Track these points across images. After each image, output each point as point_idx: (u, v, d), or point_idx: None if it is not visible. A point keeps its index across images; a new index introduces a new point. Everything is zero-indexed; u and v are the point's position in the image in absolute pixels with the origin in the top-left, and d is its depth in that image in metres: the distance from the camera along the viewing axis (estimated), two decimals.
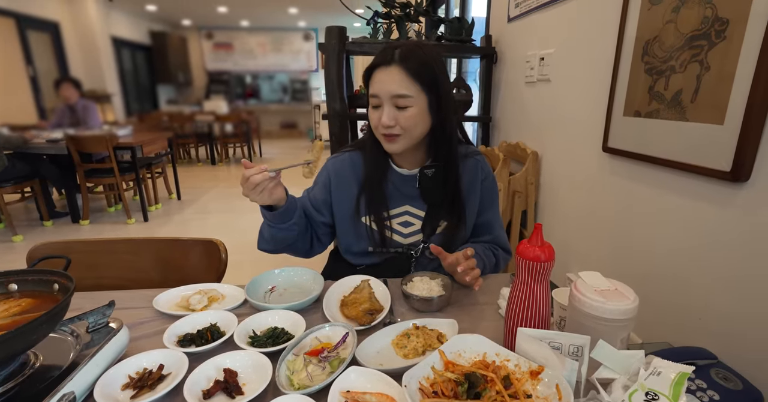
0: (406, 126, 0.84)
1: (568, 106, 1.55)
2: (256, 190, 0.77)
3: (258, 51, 9.00)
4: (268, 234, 0.91)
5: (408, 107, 0.83)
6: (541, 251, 0.60)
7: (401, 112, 0.83)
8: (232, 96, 8.96)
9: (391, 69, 0.82)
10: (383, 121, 0.83)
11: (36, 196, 3.43)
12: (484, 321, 0.76)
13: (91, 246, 0.93)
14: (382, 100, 0.83)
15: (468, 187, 0.96)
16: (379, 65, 0.84)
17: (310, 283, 0.86)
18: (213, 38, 8.84)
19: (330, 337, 0.68)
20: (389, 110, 0.83)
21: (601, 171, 1.34)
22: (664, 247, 1.08)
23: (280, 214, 0.86)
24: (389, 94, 0.82)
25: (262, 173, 0.76)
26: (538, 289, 0.61)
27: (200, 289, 0.83)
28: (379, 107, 0.85)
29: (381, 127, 0.85)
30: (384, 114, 0.83)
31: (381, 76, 0.83)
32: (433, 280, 0.83)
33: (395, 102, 0.83)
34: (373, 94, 0.84)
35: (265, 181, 0.76)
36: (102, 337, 0.61)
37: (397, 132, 0.85)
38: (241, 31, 8.76)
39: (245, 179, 0.76)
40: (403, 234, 0.96)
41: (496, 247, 1.01)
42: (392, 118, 0.83)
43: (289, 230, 0.89)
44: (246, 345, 0.65)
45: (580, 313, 0.59)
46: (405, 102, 0.83)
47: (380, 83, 0.83)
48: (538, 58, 1.75)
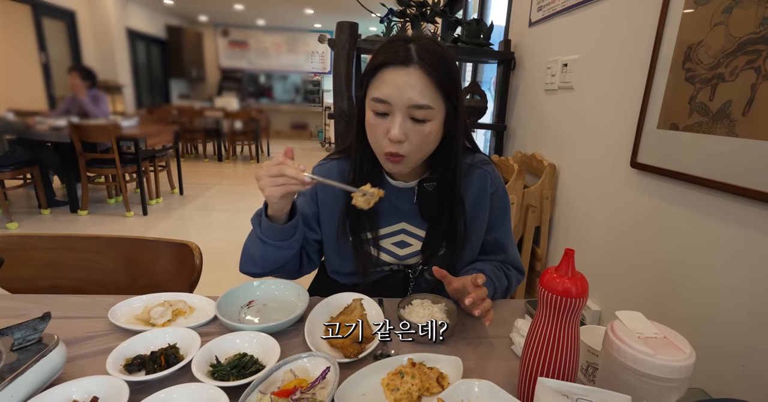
0: (418, 144, 0.70)
1: (592, 116, 1.43)
2: (277, 180, 0.64)
3: (273, 50, 8.99)
4: (259, 253, 0.74)
5: (426, 121, 0.68)
6: (573, 284, 0.48)
7: (416, 126, 0.68)
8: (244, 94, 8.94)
9: (409, 71, 0.66)
10: (392, 135, 0.67)
11: (35, 184, 3.38)
12: (494, 359, 0.64)
13: (50, 242, 0.83)
14: (393, 108, 0.68)
15: (475, 202, 0.83)
16: (390, 64, 0.67)
17: (293, 299, 0.75)
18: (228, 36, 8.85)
19: (308, 371, 0.56)
20: (402, 122, 0.67)
21: (628, 188, 1.22)
22: (703, 281, 0.94)
23: (286, 228, 0.72)
24: (406, 103, 0.67)
25: (297, 169, 0.64)
26: (565, 330, 0.49)
27: (165, 299, 0.72)
28: (386, 116, 0.69)
29: (387, 141, 0.69)
30: (396, 126, 0.67)
31: (395, 78, 0.67)
32: (435, 305, 0.72)
33: (411, 113, 0.68)
34: (381, 99, 0.68)
35: (293, 179, 0.63)
36: (30, 357, 0.50)
37: (404, 152, 0.69)
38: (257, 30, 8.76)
39: (276, 162, 0.64)
40: (398, 256, 0.84)
41: (508, 266, 0.89)
42: (404, 133, 0.68)
43: (289, 248, 0.75)
44: (205, 376, 0.53)
45: (619, 366, 0.47)
46: (424, 114, 0.68)
47: (394, 88, 0.67)
48: (561, 64, 1.64)
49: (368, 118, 0.71)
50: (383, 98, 0.68)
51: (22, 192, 3.93)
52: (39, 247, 0.82)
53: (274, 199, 0.66)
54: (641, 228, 1.15)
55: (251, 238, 0.76)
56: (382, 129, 0.69)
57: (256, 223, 0.74)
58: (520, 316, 0.77)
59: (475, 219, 0.83)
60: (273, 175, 0.63)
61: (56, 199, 3.59)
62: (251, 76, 9.12)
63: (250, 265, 0.78)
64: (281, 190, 0.64)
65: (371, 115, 0.70)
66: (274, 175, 0.63)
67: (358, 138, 0.77)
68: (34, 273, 0.82)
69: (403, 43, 0.69)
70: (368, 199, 0.69)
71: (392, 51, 0.68)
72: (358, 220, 0.79)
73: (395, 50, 0.68)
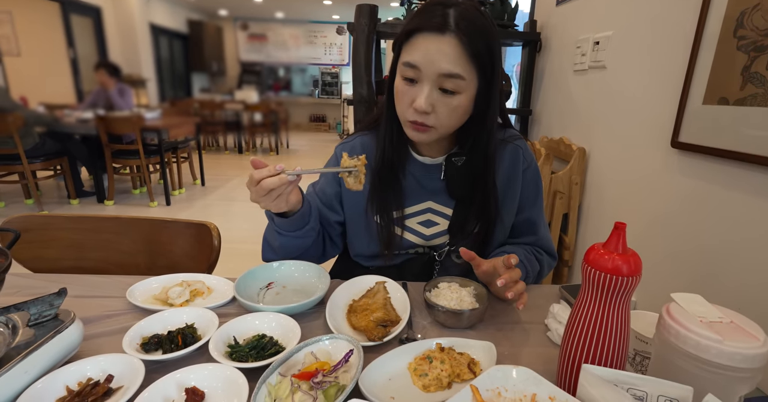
0: (445, 116, 0.66)
1: (626, 95, 1.34)
2: (270, 196, 0.61)
3: (291, 43, 9.00)
4: (277, 243, 0.74)
5: (456, 93, 0.64)
6: (624, 261, 0.43)
7: (444, 97, 0.65)
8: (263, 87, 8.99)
9: (444, 38, 0.62)
10: (418, 104, 0.64)
11: (64, 174, 3.48)
12: (528, 346, 0.60)
13: (74, 223, 0.82)
14: (422, 75, 0.64)
15: (506, 179, 0.78)
16: (425, 29, 0.63)
17: (314, 281, 0.72)
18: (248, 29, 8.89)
19: (330, 354, 0.53)
20: (430, 92, 0.64)
21: (667, 170, 1.13)
22: (760, 274, 0.86)
23: (293, 220, 0.70)
24: (437, 71, 0.62)
25: (279, 177, 0.60)
26: (614, 313, 0.44)
27: (183, 279, 0.70)
28: (414, 83, 0.65)
29: (412, 110, 0.66)
30: (422, 95, 0.64)
31: (428, 44, 0.63)
32: (464, 289, 0.67)
33: (441, 82, 0.64)
34: (412, 63, 0.64)
35: (282, 186, 0.61)
36: (46, 333, 0.49)
37: (430, 123, 0.66)
38: (276, 22, 8.77)
39: (254, 182, 0.60)
40: (424, 236, 0.79)
41: (539, 250, 0.84)
42: (431, 104, 0.64)
43: (305, 237, 0.74)
44: (222, 356, 0.51)
45: (678, 353, 0.42)
46: (455, 85, 0.63)
47: (425, 54, 0.63)
48: (592, 42, 1.55)
49: (397, 83, 0.68)
50: (413, 63, 0.64)
51: (53, 183, 4.07)
52: (62, 228, 0.82)
53: (281, 208, 0.66)
54: (684, 213, 1.07)
55: (269, 228, 0.75)
56: (409, 97, 0.66)
57: (270, 216, 0.72)
58: (554, 301, 0.72)
59: (506, 197, 0.78)
60: (260, 194, 0.61)
61: (84, 190, 3.70)
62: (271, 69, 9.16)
63: (271, 254, 0.78)
64: (278, 200, 0.63)
65: (400, 81, 0.67)
66: (261, 193, 0.61)
67: (389, 108, 0.73)
68: (57, 253, 0.82)
69: (442, 7, 0.63)
70: (357, 176, 0.66)
71: (429, 15, 0.63)
72: (383, 199, 0.76)
73: (432, 14, 0.63)
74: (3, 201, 3.44)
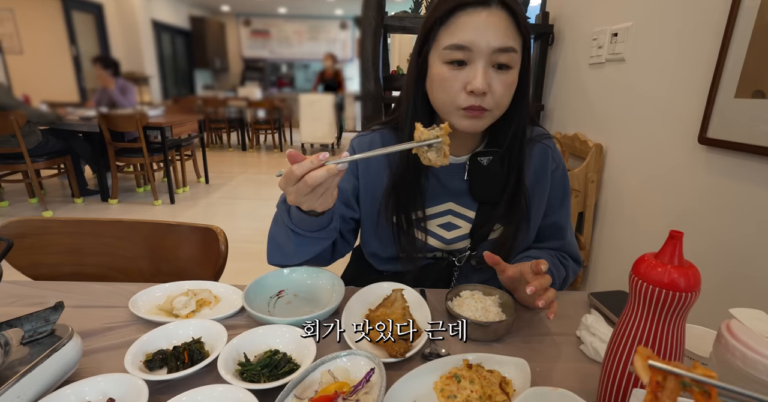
0: (501, 95, 0.61)
1: (648, 89, 1.29)
2: (315, 193, 0.52)
3: (294, 39, 8.93)
4: (292, 247, 0.65)
5: (510, 68, 0.60)
6: (681, 275, 0.38)
7: (499, 74, 0.60)
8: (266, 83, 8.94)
9: (491, 11, 0.58)
10: (476, 85, 0.58)
11: (68, 173, 3.46)
12: (561, 361, 0.55)
13: (73, 226, 0.79)
14: (473, 54, 0.59)
15: (534, 180, 0.74)
16: (468, 5, 0.59)
17: (327, 289, 0.68)
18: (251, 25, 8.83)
19: (348, 372, 0.49)
20: (485, 70, 0.59)
21: (693, 167, 1.08)
22: None
23: (320, 219, 0.62)
24: (491, 46, 0.58)
25: (326, 168, 0.50)
26: (667, 332, 0.40)
27: (189, 288, 0.66)
28: (463, 65, 0.60)
29: (464, 95, 0.60)
30: (479, 75, 0.58)
31: (475, 20, 0.58)
32: (488, 298, 0.63)
33: (495, 59, 0.59)
34: (460, 45, 0.59)
35: (330, 179, 0.51)
36: (41, 351, 0.45)
37: (487, 105, 0.60)
38: (278, 18, 8.70)
39: (295, 178, 0.50)
40: (445, 239, 0.74)
41: (565, 255, 0.79)
42: (488, 83, 0.59)
43: (327, 238, 0.66)
44: (232, 376, 0.47)
45: (744, 378, 0.37)
46: (509, 58, 0.59)
47: (475, 31, 0.58)
48: (609, 34, 1.49)
49: (439, 72, 0.62)
50: (462, 44, 0.59)
51: (56, 181, 4.05)
52: (61, 232, 0.78)
53: (327, 206, 0.56)
54: (711, 212, 1.02)
55: (279, 227, 0.66)
56: (460, 81, 0.60)
57: (284, 212, 0.63)
58: (583, 310, 0.68)
59: (533, 199, 0.73)
60: (305, 191, 0.51)
61: (88, 189, 3.67)
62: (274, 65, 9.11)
63: (280, 257, 0.69)
64: (324, 196, 0.54)
65: (443, 68, 0.61)
66: (305, 190, 0.51)
67: (414, 101, 0.68)
68: (57, 259, 0.79)
69: None
70: (440, 149, 0.53)
71: None
72: (402, 198, 0.70)
73: None
74: (7, 200, 3.42)
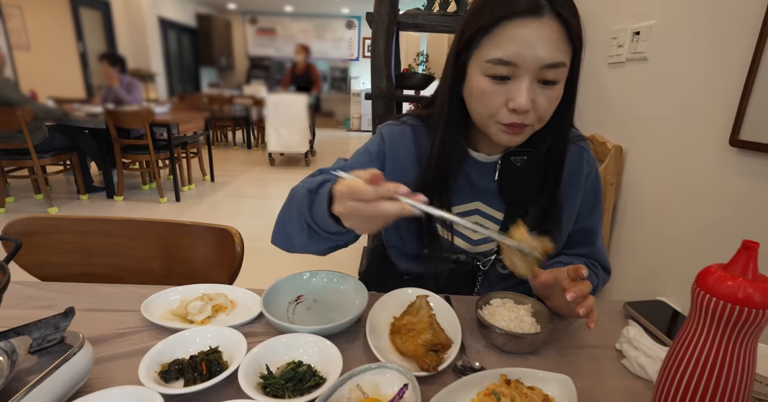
0: (542, 112, 0.56)
1: (673, 89, 1.24)
2: (374, 222, 0.48)
3: (300, 38, 8.91)
4: (305, 239, 0.59)
5: (556, 83, 0.56)
6: (757, 290, 0.35)
7: (544, 89, 0.56)
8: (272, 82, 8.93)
9: (543, 22, 0.52)
10: (519, 104, 0.54)
11: (74, 170, 3.45)
12: (603, 376, 0.52)
13: (81, 225, 0.76)
14: (519, 70, 0.54)
15: (567, 184, 0.70)
16: (516, 15, 0.52)
17: (349, 294, 0.65)
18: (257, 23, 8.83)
19: (378, 387, 0.45)
20: (530, 87, 0.54)
21: (724, 171, 1.04)
22: None
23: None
24: (539, 62, 0.53)
25: (400, 206, 0.44)
26: (737, 352, 0.36)
27: (204, 292, 0.62)
28: (506, 80, 0.55)
29: (506, 111, 0.56)
30: (523, 92, 0.54)
31: (525, 33, 0.52)
32: (521, 306, 0.59)
33: (543, 75, 0.54)
34: (506, 60, 0.53)
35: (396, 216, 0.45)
36: (51, 361, 0.42)
37: (529, 121, 0.57)
38: (285, 16, 8.69)
39: (364, 200, 0.44)
40: (471, 240, 0.71)
41: (594, 262, 0.76)
42: (531, 101, 0.55)
43: (343, 240, 0.61)
44: (254, 390, 0.43)
45: None
46: (556, 74, 0.54)
47: (523, 46, 0.52)
48: (631, 32, 1.45)
49: (479, 84, 0.57)
50: (509, 60, 0.53)
51: (62, 178, 4.05)
52: (70, 231, 0.75)
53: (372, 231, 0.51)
54: (746, 219, 0.98)
55: (293, 215, 0.60)
56: (501, 97, 0.56)
57: (306, 204, 0.56)
58: (619, 320, 0.64)
59: (566, 202, 0.69)
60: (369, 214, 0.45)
61: (94, 185, 3.67)
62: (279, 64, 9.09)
63: (284, 243, 0.64)
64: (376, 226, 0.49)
65: (485, 81, 0.56)
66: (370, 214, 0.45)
67: (450, 106, 0.63)
68: (65, 259, 0.76)
69: None
70: (530, 261, 0.51)
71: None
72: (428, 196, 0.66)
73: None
74: (13, 196, 3.41)
